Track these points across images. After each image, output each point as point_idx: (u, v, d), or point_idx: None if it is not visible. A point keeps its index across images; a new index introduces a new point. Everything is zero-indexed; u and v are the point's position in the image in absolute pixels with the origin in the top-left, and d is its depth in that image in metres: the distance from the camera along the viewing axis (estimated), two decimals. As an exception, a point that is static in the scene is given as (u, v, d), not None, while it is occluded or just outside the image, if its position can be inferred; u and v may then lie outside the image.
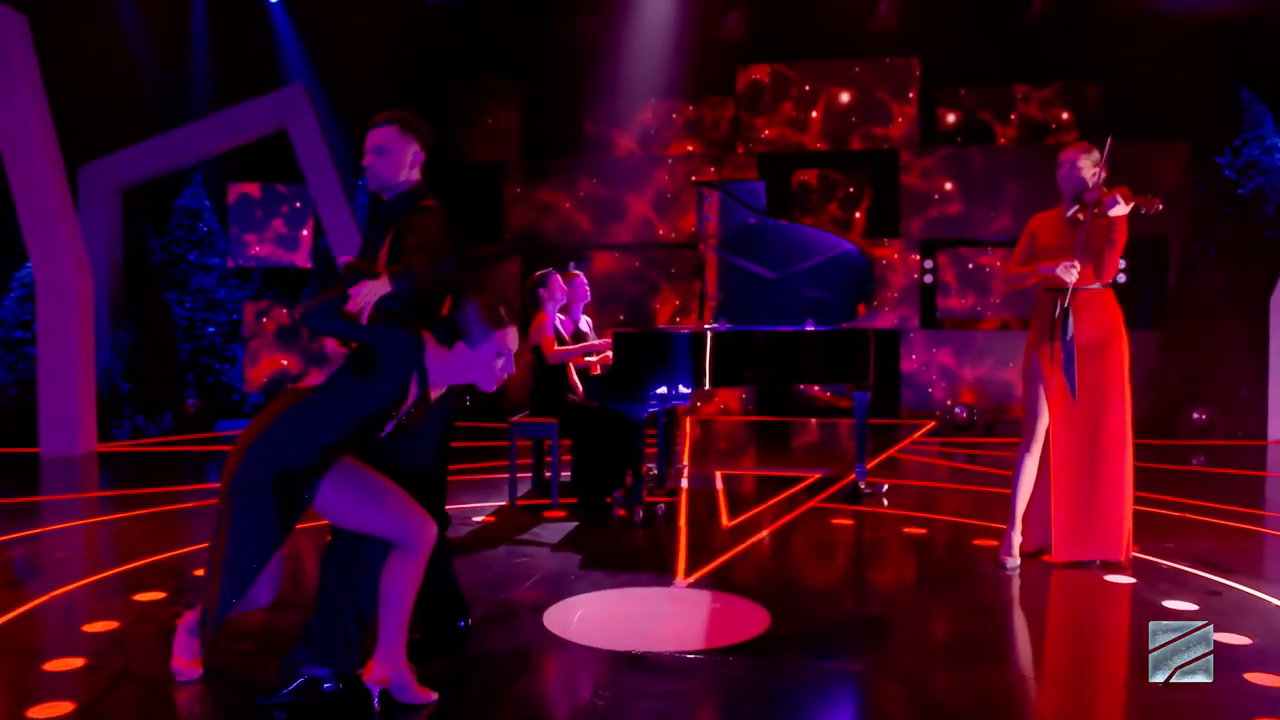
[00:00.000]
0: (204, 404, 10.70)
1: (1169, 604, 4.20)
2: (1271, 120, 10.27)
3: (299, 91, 10.57)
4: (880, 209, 11.70)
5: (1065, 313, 4.70)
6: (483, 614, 4.03)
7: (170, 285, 11.45)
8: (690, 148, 12.09)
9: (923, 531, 5.60)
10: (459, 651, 3.57)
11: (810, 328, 6.64)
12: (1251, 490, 7.29)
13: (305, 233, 11.71)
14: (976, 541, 5.34)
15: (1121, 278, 11.69)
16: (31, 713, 3.02)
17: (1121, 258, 4.75)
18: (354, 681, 3.14)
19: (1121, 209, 4.57)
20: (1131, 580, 4.56)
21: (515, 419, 6.34)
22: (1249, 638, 3.78)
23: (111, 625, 3.86)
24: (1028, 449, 4.82)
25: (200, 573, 4.61)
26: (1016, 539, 4.84)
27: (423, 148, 3.42)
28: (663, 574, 4.69)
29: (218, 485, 3.04)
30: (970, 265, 11.31)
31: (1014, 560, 4.80)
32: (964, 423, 9.78)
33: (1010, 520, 4.87)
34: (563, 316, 6.77)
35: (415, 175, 3.41)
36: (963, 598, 4.39)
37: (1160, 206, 4.55)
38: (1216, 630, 3.81)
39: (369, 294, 2.89)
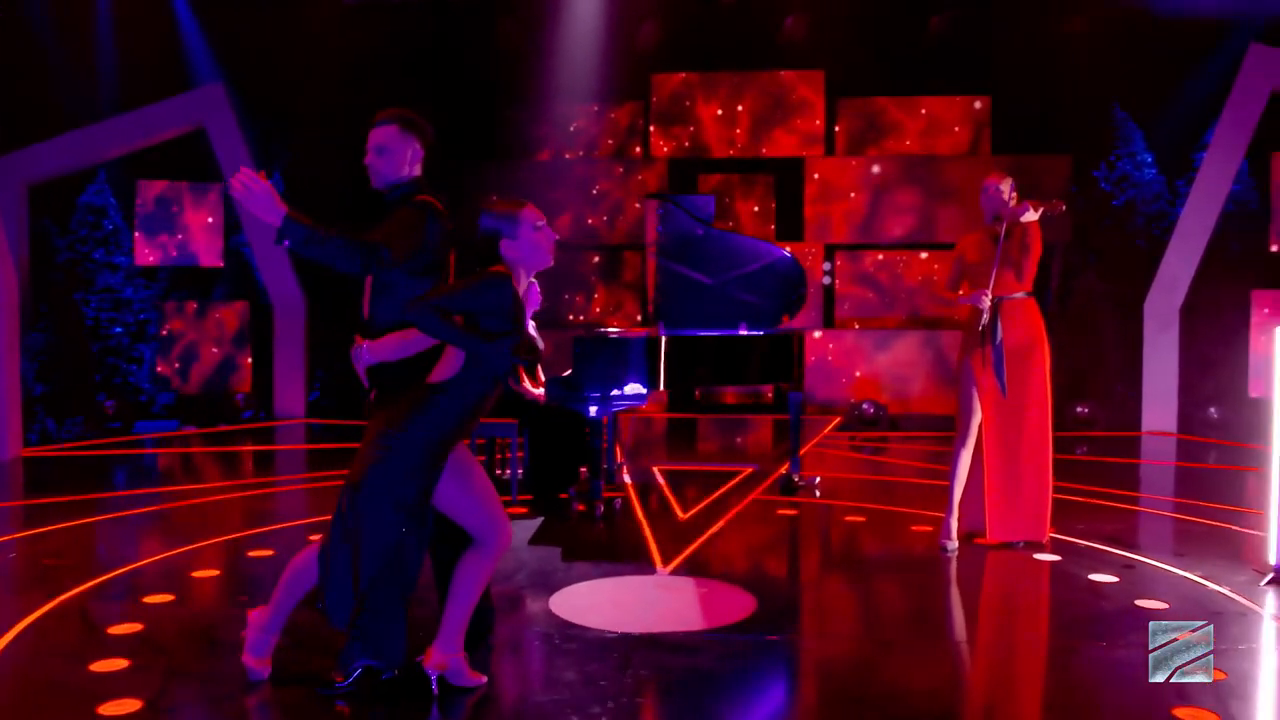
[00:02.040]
0: (121, 406, 10.53)
1: (1094, 577, 4.79)
2: (1141, 138, 11.23)
3: (218, 91, 10.50)
4: (785, 214, 12.27)
5: (994, 320, 5.25)
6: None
7: (76, 284, 11.20)
8: (603, 152, 12.43)
9: (861, 519, 6.11)
10: (480, 652, 3.85)
11: (743, 331, 7.08)
12: (1131, 476, 8.09)
13: (215, 232, 11.59)
14: (914, 528, 5.87)
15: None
16: None
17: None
18: (409, 667, 3.41)
19: (1031, 215, 5.16)
20: (1057, 558, 5.15)
21: (475, 420, 6.59)
22: (1165, 602, 4.37)
23: (136, 626, 4.01)
24: (963, 443, 5.37)
25: (201, 574, 4.78)
26: (954, 524, 5.38)
27: (423, 145, 3.58)
28: (642, 563, 5.06)
29: (171, 488, 3.27)
30: (869, 268, 11.99)
31: (953, 543, 5.33)
32: (871, 418, 10.43)
33: (948, 507, 5.41)
34: (514, 321, 7.05)
35: (416, 171, 3.58)
36: (911, 577, 4.90)
37: (1063, 208, 5.20)
38: (1137, 598, 4.43)
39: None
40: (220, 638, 3.93)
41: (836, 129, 12.27)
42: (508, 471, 6.90)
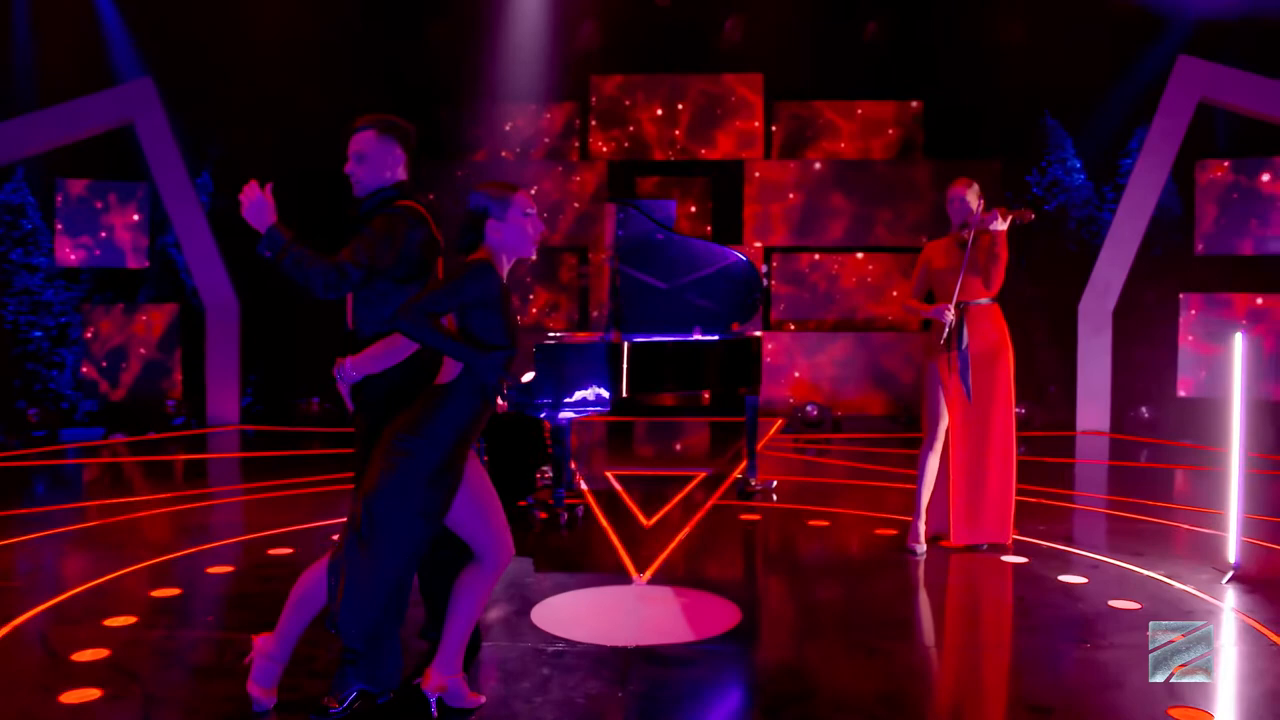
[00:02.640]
0: (44, 414, 10.09)
1: (1063, 579, 4.88)
2: (1071, 144, 11.52)
3: (148, 86, 10.14)
4: (724, 217, 12.31)
5: (960, 325, 5.32)
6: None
7: (-8, 287, 10.72)
8: (540, 153, 12.31)
9: (825, 524, 6.14)
10: (470, 670, 3.76)
11: (697, 336, 7.08)
12: (1072, 475, 8.29)
13: (141, 231, 11.18)
14: (878, 531, 5.92)
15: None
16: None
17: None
18: (406, 689, 3.30)
19: (1000, 224, 5.24)
20: (1023, 559, 5.24)
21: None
22: (1137, 603, 4.47)
23: (103, 653, 3.82)
24: (930, 447, 5.42)
25: (161, 593, 4.58)
26: (922, 528, 5.44)
27: (405, 149, 3.46)
28: (617, 573, 5.00)
29: (106, 501, 3.14)
30: (808, 270, 12.10)
31: (921, 547, 5.39)
32: (815, 420, 10.51)
33: (915, 511, 5.46)
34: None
35: (401, 174, 3.46)
36: (885, 583, 4.94)
37: (1032, 216, 5.28)
38: (1110, 599, 4.52)
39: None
40: (194, 661, 3.77)
41: (774, 130, 12.35)
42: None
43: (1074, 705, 3.41)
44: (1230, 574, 4.88)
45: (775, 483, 7.23)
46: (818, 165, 12.07)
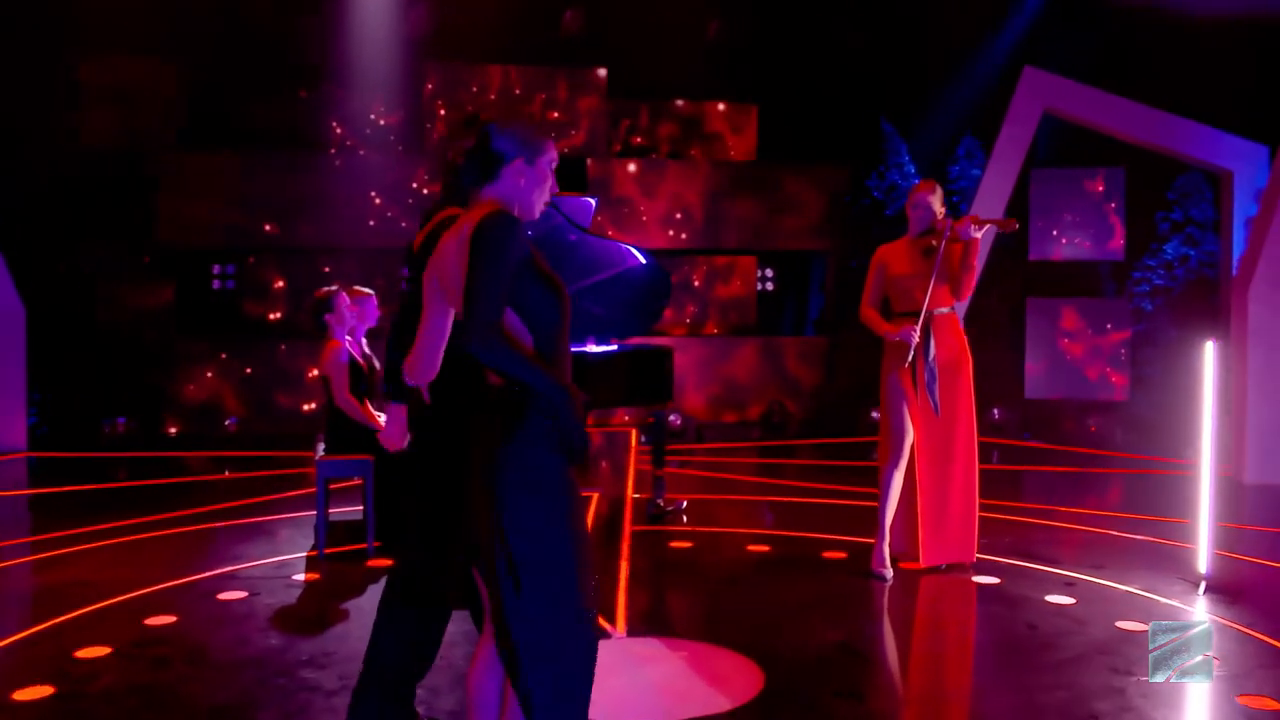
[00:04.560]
0: None
1: (1051, 599, 4.67)
2: (906, 150, 11.71)
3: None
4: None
5: (926, 336, 5.03)
6: (431, 684, 3.52)
7: None
8: (364, 147, 11.30)
9: (766, 549, 5.71)
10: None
11: (590, 347, 6.54)
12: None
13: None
14: (826, 554, 5.54)
15: (770, 287, 12.78)
16: None
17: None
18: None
19: (976, 232, 4.98)
20: (996, 580, 5.00)
21: (322, 457, 5.56)
22: (1142, 622, 4.28)
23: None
24: (895, 464, 5.09)
25: (34, 694, 3.57)
26: (887, 550, 5.10)
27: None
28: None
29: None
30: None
31: (889, 570, 5.05)
32: (678, 429, 10.11)
33: (879, 532, 5.12)
34: (349, 338, 6.01)
35: None
36: (871, 616, 4.56)
37: (1016, 226, 5.05)
38: (1116, 620, 4.28)
39: None
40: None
41: (616, 130, 11.90)
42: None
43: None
44: (1204, 585, 4.82)
45: (685, 503, 6.75)
46: (660, 166, 11.70)
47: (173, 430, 10.01)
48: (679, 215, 11.66)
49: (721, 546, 5.79)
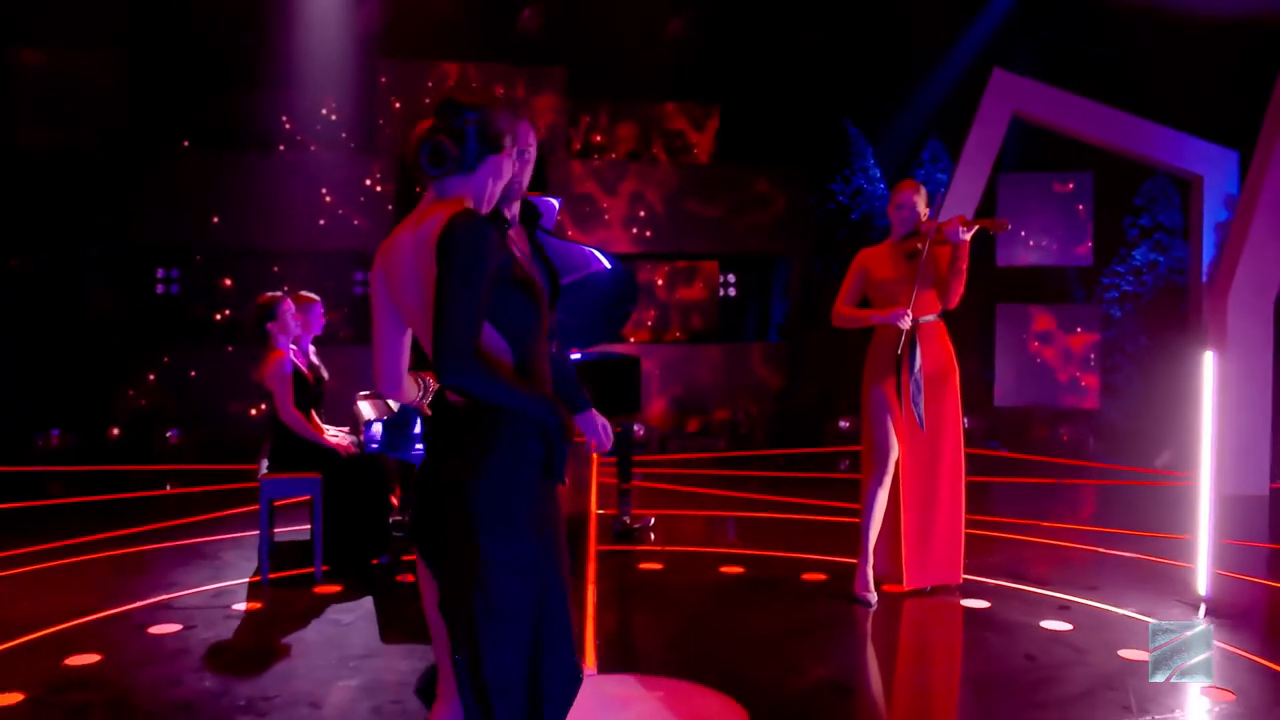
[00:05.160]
0: None
1: (1046, 625, 4.40)
2: (872, 153, 11.49)
3: None
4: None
5: (911, 345, 4.75)
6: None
7: None
8: (316, 147, 10.85)
9: (740, 570, 5.41)
10: None
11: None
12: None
13: None
14: (806, 576, 5.25)
15: (732, 292, 12.52)
16: None
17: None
18: None
19: (964, 234, 4.70)
20: (986, 604, 4.73)
21: (266, 475, 5.16)
22: (1145, 650, 4.02)
23: None
24: (879, 482, 4.80)
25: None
26: (871, 573, 4.81)
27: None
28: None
29: None
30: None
31: (873, 595, 4.76)
32: (640, 440, 9.78)
33: (862, 554, 4.83)
34: (294, 347, 5.61)
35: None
36: (858, 643, 4.27)
37: (1008, 227, 4.77)
38: (1117, 648, 4.01)
39: None
40: None
41: (576, 129, 11.57)
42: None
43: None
44: (1204, 608, 4.59)
45: (652, 519, 6.44)
46: (618, 167, 11.38)
47: (112, 442, 9.47)
48: (642, 214, 11.34)
49: (693, 567, 5.47)
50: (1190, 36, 9.49)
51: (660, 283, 11.68)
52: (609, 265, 6.26)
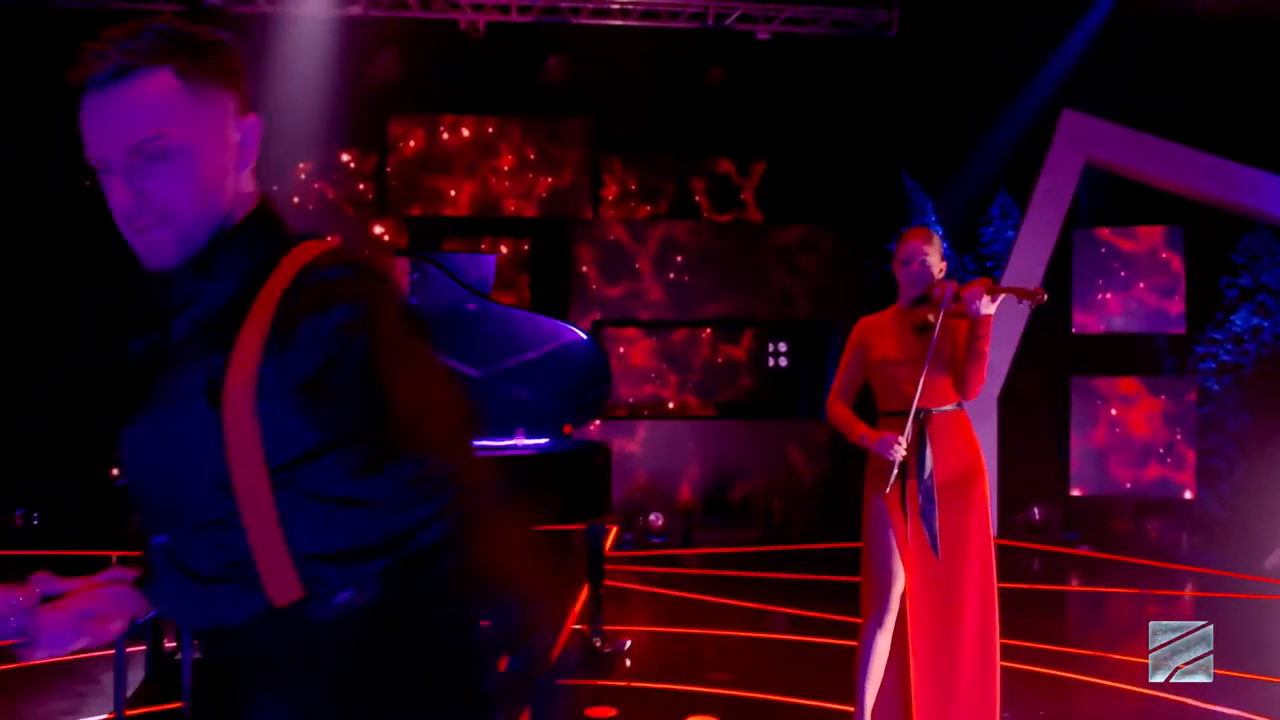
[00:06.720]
0: None
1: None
2: (933, 208, 10.36)
3: None
4: (543, 282, 10.45)
5: (921, 444, 3.63)
6: None
7: None
8: (328, 205, 10.19)
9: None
10: None
11: (520, 440, 5.31)
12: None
13: None
14: (794, 734, 4.11)
15: (783, 362, 11.39)
16: None
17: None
18: None
19: (989, 306, 3.58)
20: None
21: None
22: None
23: None
24: (879, 622, 3.67)
25: None
26: (869, 740, 3.66)
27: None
28: None
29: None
30: (621, 350, 10.40)
31: (873, 768, 3.61)
32: (660, 530, 8.68)
33: (858, 713, 3.69)
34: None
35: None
36: None
37: (1044, 297, 3.59)
38: None
39: None
40: None
41: (604, 187, 10.71)
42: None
43: None
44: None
45: (628, 643, 5.34)
46: (653, 226, 10.45)
47: None
48: (674, 275, 10.37)
49: (655, 714, 4.36)
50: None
51: (688, 352, 10.65)
52: (583, 337, 5.41)
